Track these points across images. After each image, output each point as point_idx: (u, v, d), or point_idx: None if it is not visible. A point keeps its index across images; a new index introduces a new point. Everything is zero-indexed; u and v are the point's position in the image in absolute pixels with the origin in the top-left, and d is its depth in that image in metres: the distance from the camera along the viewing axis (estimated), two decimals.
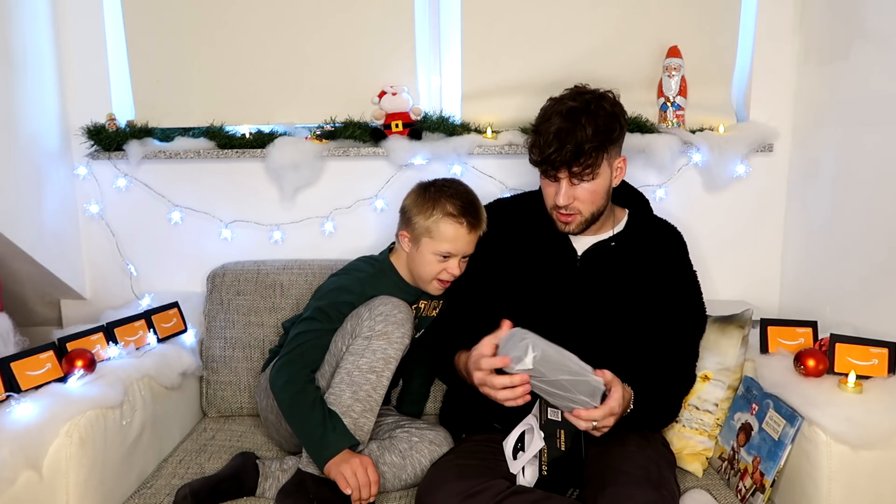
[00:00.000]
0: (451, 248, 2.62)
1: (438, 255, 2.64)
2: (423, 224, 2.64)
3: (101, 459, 2.33)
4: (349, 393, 2.44)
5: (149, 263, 3.52)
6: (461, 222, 2.62)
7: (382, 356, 2.46)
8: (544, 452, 2.22)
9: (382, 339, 2.47)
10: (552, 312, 2.54)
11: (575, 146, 2.35)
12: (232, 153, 3.33)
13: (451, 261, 2.65)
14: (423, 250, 2.65)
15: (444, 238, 2.62)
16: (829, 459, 2.20)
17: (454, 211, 2.62)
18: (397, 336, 2.49)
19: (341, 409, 2.43)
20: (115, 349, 2.66)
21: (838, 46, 3.02)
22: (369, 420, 2.47)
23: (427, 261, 2.66)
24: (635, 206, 2.75)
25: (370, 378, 2.45)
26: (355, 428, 2.43)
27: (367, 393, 2.45)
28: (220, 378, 3.14)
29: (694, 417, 2.64)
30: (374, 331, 2.47)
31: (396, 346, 2.49)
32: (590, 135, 2.35)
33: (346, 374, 2.46)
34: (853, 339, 2.44)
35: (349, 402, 2.43)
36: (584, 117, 2.37)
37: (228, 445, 2.86)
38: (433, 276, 2.68)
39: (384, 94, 3.26)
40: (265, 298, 3.16)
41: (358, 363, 2.46)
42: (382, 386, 2.48)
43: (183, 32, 3.39)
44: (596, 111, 2.39)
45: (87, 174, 3.41)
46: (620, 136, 2.49)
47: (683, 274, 2.65)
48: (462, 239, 2.63)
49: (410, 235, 2.69)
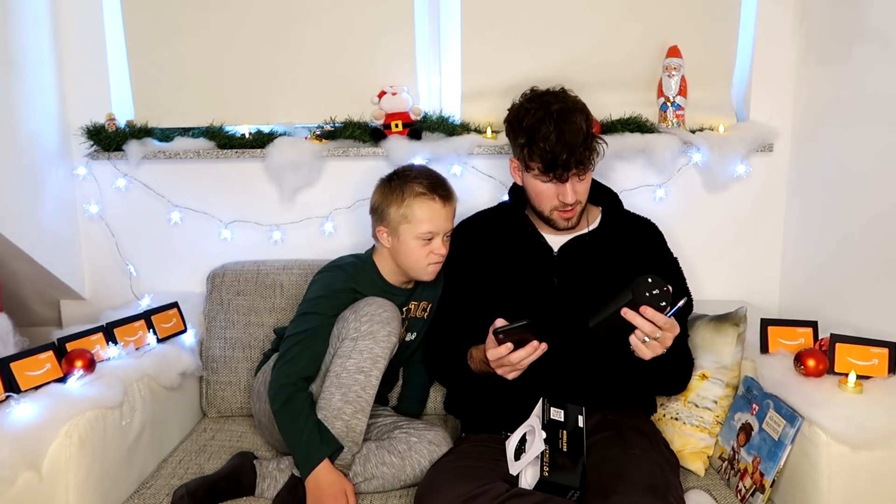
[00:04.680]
0: (431, 227, 2.63)
1: (420, 238, 2.64)
2: (398, 212, 2.64)
3: (100, 460, 2.33)
4: (339, 396, 2.45)
5: (148, 263, 3.52)
6: (433, 198, 2.64)
7: (369, 356, 2.47)
8: (546, 454, 2.21)
9: (368, 338, 2.47)
10: (537, 307, 2.55)
11: (582, 143, 2.39)
12: (232, 153, 3.33)
13: (435, 240, 2.66)
14: (405, 238, 2.65)
15: (422, 218, 2.63)
16: (829, 460, 2.20)
17: (423, 190, 2.64)
18: (383, 335, 2.49)
19: (332, 413, 2.43)
20: (114, 349, 2.66)
21: (839, 46, 3.02)
22: (361, 421, 2.47)
23: (411, 247, 2.65)
24: (608, 203, 2.78)
25: (359, 379, 2.46)
26: (347, 430, 2.44)
27: (357, 394, 2.45)
28: (219, 378, 3.14)
29: (694, 414, 2.65)
30: (359, 332, 2.48)
31: (383, 344, 2.49)
32: (586, 130, 2.41)
33: (335, 376, 2.47)
34: (853, 339, 2.43)
35: (339, 405, 2.44)
36: (575, 115, 2.42)
37: (228, 446, 2.86)
38: (422, 261, 2.67)
39: (384, 93, 3.26)
40: (265, 298, 3.16)
41: (345, 365, 2.46)
42: (372, 386, 2.48)
43: (183, 32, 3.39)
44: (575, 105, 2.47)
45: (86, 174, 3.41)
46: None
47: (663, 261, 2.67)
48: (438, 214, 2.65)
49: (388, 229, 2.69)
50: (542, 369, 2.34)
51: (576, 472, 2.19)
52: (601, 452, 2.29)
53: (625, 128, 3.27)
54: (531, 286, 2.61)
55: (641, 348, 2.19)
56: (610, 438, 2.36)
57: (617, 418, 2.48)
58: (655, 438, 2.47)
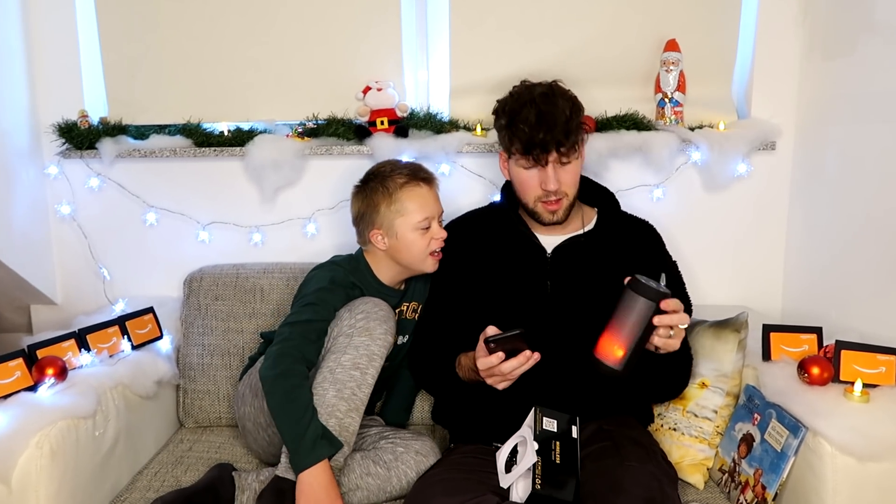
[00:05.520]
0: (425, 213, 2.67)
1: (418, 228, 2.66)
2: (389, 209, 2.68)
3: (72, 472, 2.33)
4: (333, 392, 2.42)
5: (123, 267, 3.50)
6: (419, 184, 2.71)
7: (366, 352, 2.46)
8: (538, 466, 2.20)
9: (364, 334, 2.47)
10: (529, 311, 2.56)
11: (563, 125, 2.44)
12: (210, 151, 3.31)
13: (433, 226, 2.69)
14: (403, 233, 2.67)
15: (415, 207, 2.67)
16: (835, 472, 2.18)
17: (406, 179, 2.69)
18: (380, 332, 2.49)
19: (326, 409, 2.40)
20: (87, 357, 2.65)
21: (844, 40, 3.01)
22: (355, 420, 2.45)
23: (411, 240, 2.67)
24: (604, 203, 2.80)
25: (354, 375, 2.44)
26: (340, 429, 2.41)
27: (352, 391, 2.43)
28: (197, 387, 3.13)
29: (693, 425, 2.64)
30: (354, 328, 2.48)
31: (380, 342, 2.48)
32: (569, 113, 2.46)
33: (329, 371, 2.45)
34: (859, 346, 2.42)
35: (333, 402, 2.41)
36: (558, 99, 2.48)
37: (206, 457, 2.85)
38: (425, 251, 2.69)
39: (369, 89, 3.25)
40: (244, 303, 3.16)
41: (340, 360, 2.45)
42: (367, 384, 2.47)
43: (159, 25, 3.37)
44: (563, 92, 2.55)
45: (58, 173, 3.39)
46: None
47: (662, 264, 2.66)
48: (428, 198, 2.71)
49: (382, 230, 2.70)
50: (534, 377, 2.33)
51: (569, 486, 2.17)
52: (596, 464, 2.28)
53: (621, 125, 3.26)
54: (523, 289, 2.61)
55: (672, 343, 2.20)
56: (605, 450, 2.34)
57: (612, 428, 2.47)
58: (653, 450, 2.46)
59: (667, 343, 2.18)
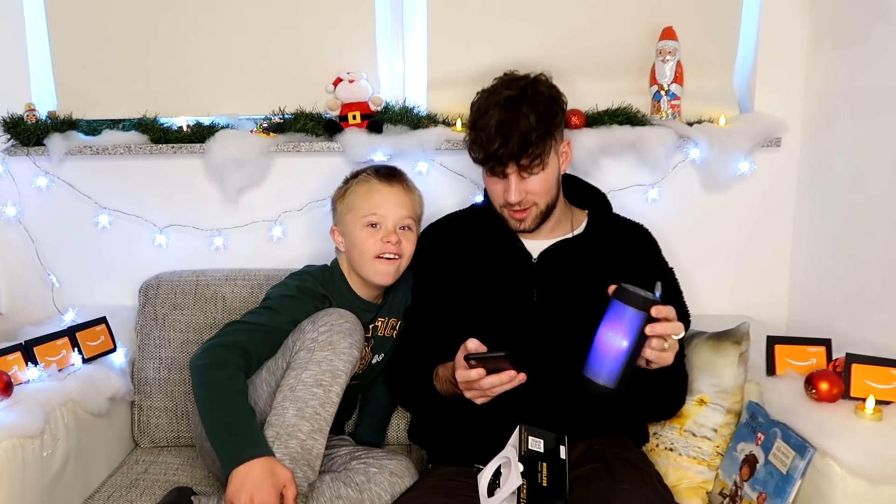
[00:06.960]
0: (372, 208, 2.68)
1: (366, 224, 2.67)
2: (343, 204, 2.76)
3: (18, 495, 2.32)
4: (293, 410, 2.36)
5: (73, 273, 3.48)
6: (378, 180, 2.73)
7: (329, 368, 2.41)
8: (523, 489, 2.17)
9: (327, 349, 2.42)
10: (514, 321, 2.55)
11: (521, 137, 2.40)
12: (167, 148, 3.30)
13: (382, 229, 2.68)
14: (351, 229, 2.70)
15: (363, 202, 2.71)
16: (845, 496, 2.17)
17: (365, 176, 2.77)
18: (344, 346, 2.44)
19: (286, 430, 2.34)
20: (34, 371, 2.64)
21: (856, 27, 3.01)
22: (318, 442, 2.39)
23: (359, 239, 2.68)
24: (595, 205, 2.80)
25: (316, 392, 2.38)
26: (303, 451, 2.34)
27: (315, 410, 2.38)
28: (153, 403, 3.11)
29: (691, 444, 2.63)
30: (317, 342, 2.43)
31: (344, 357, 2.43)
32: (533, 123, 2.41)
33: (289, 389, 2.39)
34: (872, 360, 2.41)
35: (294, 421, 2.35)
36: (524, 105, 2.44)
37: (163, 480, 2.83)
38: (369, 252, 2.67)
39: (340, 81, 3.25)
40: (205, 313, 3.14)
41: (301, 377, 2.40)
42: (332, 403, 2.42)
43: (112, 12, 3.35)
44: (535, 97, 2.47)
45: (2, 172, 3.36)
46: (562, 119, 2.57)
47: (657, 272, 2.67)
48: (384, 195, 2.71)
49: (339, 227, 2.76)
50: (519, 393, 2.30)
51: None
52: (586, 487, 2.26)
53: (613, 120, 3.26)
54: (507, 297, 2.60)
55: (665, 356, 2.18)
56: (596, 471, 2.33)
57: (604, 448, 2.45)
58: (647, 471, 2.44)
59: (660, 357, 2.16)
